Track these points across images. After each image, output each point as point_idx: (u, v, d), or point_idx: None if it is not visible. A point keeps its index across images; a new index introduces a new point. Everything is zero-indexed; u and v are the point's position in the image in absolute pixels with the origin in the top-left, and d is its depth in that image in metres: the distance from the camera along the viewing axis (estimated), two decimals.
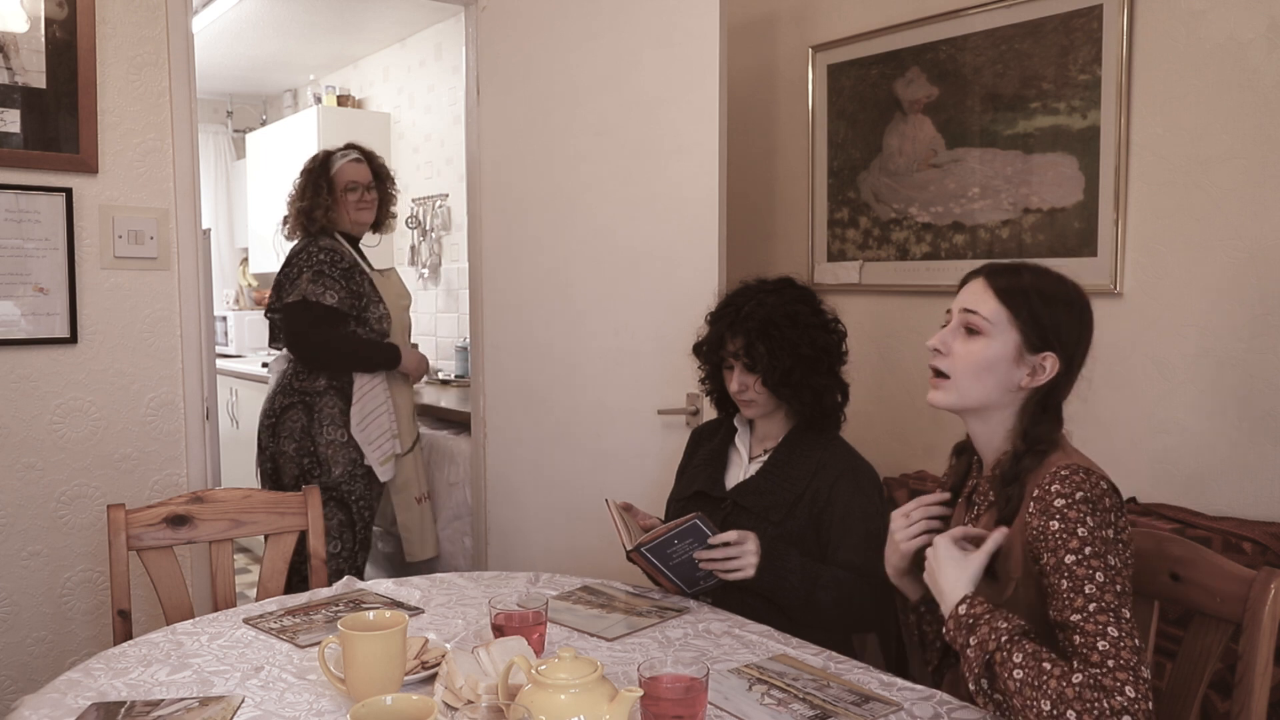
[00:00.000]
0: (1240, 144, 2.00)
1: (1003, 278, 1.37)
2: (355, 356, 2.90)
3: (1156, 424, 2.15)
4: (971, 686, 1.24)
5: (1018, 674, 1.18)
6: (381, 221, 3.12)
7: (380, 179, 3.06)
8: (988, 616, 1.24)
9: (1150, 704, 1.14)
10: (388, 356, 2.93)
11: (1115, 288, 2.20)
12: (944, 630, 1.29)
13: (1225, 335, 2.04)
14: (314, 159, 3.01)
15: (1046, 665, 1.17)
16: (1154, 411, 2.16)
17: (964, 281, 1.43)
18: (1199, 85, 2.06)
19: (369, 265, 2.99)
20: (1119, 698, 1.12)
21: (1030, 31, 2.32)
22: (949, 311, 1.41)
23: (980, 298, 1.37)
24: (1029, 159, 2.35)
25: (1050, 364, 1.34)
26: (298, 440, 2.83)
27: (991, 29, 2.40)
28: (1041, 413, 1.35)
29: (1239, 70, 2.00)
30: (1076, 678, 1.15)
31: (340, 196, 2.94)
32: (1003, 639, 1.21)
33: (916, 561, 1.47)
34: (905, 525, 1.45)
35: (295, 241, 2.98)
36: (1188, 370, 2.10)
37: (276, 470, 2.88)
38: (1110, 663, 1.15)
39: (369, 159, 3.04)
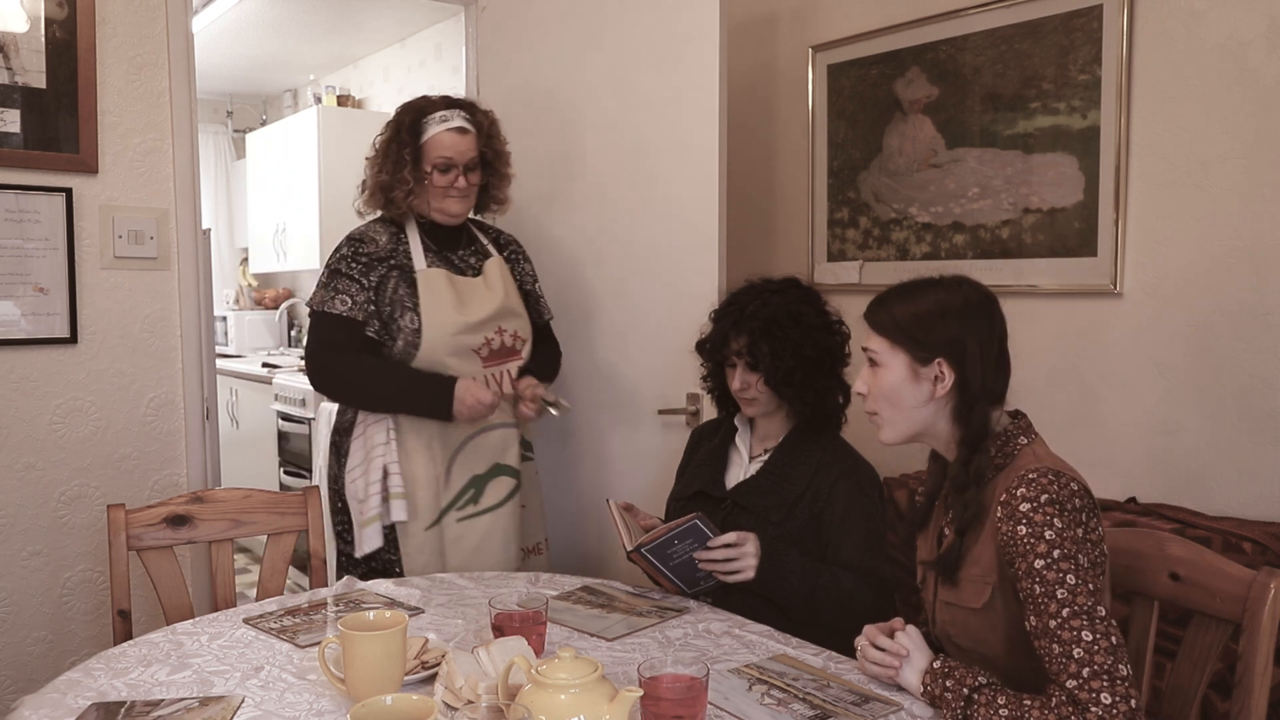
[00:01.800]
0: (1240, 144, 2.00)
1: (874, 312, 1.46)
2: (370, 391, 2.11)
3: (1156, 424, 2.15)
4: None
5: (1003, 712, 1.21)
6: (484, 207, 2.34)
7: (489, 162, 2.24)
8: (962, 669, 1.29)
9: (1132, 702, 1.16)
10: (423, 395, 2.07)
11: (1115, 288, 2.20)
12: (921, 687, 1.32)
13: (1225, 335, 2.04)
14: (405, 112, 2.18)
15: (1028, 702, 1.21)
16: (1154, 411, 2.16)
17: None
18: (1199, 85, 2.06)
19: (431, 259, 2.18)
20: (1094, 709, 1.15)
21: (1030, 31, 2.32)
22: None
23: (869, 335, 1.46)
24: (1029, 159, 2.35)
25: (944, 369, 1.38)
26: (329, 492, 2.23)
27: (991, 29, 2.40)
28: (969, 413, 1.38)
29: (1239, 70, 2.00)
30: (1054, 700, 1.19)
31: (428, 173, 2.15)
32: (980, 680, 1.26)
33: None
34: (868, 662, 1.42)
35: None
36: (1188, 370, 2.10)
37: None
38: (1085, 671, 1.17)
39: (480, 129, 2.20)
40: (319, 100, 5.18)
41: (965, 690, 1.25)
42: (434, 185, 2.15)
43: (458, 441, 2.15)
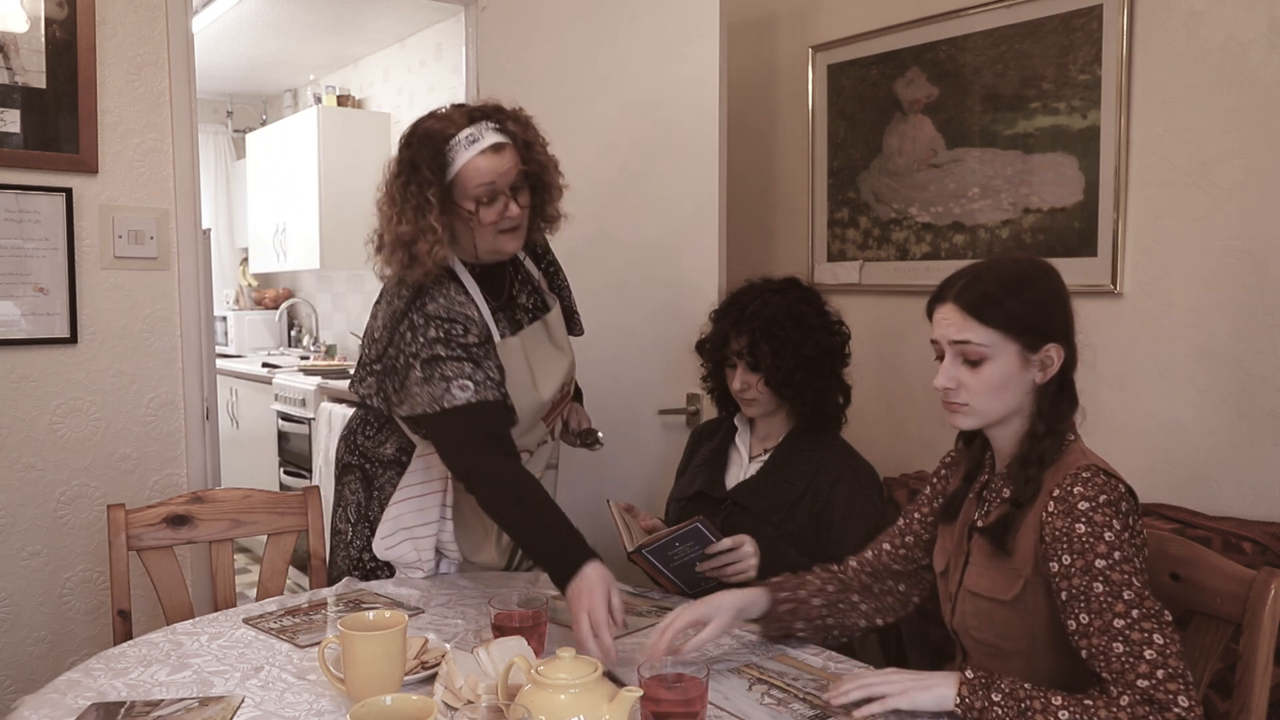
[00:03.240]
0: (1240, 144, 2.00)
1: (970, 295, 1.34)
2: (507, 513, 1.70)
3: (1156, 424, 2.15)
4: None
5: (1064, 714, 1.15)
6: (532, 229, 1.88)
7: (535, 174, 1.80)
8: (998, 676, 1.22)
9: (1201, 709, 1.14)
10: (555, 555, 1.58)
11: (1115, 288, 2.20)
12: (957, 700, 1.22)
13: (1225, 335, 2.04)
14: (419, 143, 1.71)
15: (1088, 702, 1.16)
16: (1154, 411, 2.16)
17: (931, 307, 1.41)
18: (1199, 85, 2.06)
19: (501, 322, 1.83)
20: (1175, 709, 1.12)
21: (1030, 31, 2.32)
22: (934, 342, 1.39)
23: (962, 325, 1.34)
24: (1029, 159, 2.35)
25: (1055, 352, 1.34)
26: (354, 521, 1.96)
27: (991, 29, 2.40)
28: (1059, 392, 1.35)
29: (1239, 70, 2.00)
30: (1124, 699, 1.14)
31: (468, 212, 1.72)
32: (1029, 687, 1.19)
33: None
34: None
35: (388, 280, 1.81)
36: (1188, 370, 2.10)
37: (335, 537, 2.01)
38: (1160, 673, 1.15)
39: (516, 138, 1.75)
40: (319, 100, 5.18)
41: (1018, 704, 1.17)
42: (481, 224, 1.72)
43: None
